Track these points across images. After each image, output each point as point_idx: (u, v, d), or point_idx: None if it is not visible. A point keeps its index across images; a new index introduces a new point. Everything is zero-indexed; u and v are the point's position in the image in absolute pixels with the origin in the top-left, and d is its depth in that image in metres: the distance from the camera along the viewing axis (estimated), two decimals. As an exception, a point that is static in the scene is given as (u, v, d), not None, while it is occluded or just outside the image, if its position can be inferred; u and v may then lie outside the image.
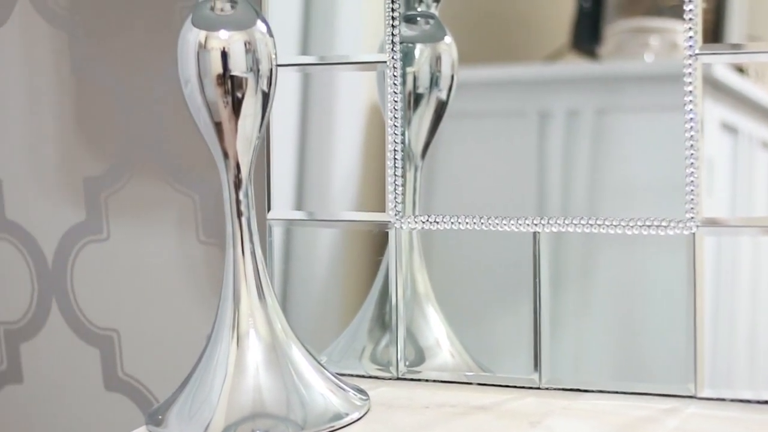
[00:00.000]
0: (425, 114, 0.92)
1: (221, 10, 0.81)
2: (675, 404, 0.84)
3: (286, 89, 0.94)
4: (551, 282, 0.88)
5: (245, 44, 0.80)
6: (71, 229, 1.15)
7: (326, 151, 0.95)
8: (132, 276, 1.13)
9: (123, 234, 1.13)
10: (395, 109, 0.91)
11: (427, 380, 0.92)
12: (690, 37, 0.83)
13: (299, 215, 0.95)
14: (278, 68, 0.82)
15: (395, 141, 0.91)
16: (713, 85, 0.83)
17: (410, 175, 0.92)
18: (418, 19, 0.92)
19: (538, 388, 0.88)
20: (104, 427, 1.16)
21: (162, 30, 1.08)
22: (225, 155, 0.81)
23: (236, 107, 0.80)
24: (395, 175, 0.91)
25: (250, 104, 0.80)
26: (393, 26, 0.91)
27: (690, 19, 0.83)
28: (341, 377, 0.86)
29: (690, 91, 0.83)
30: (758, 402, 0.83)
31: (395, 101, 0.91)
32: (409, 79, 0.92)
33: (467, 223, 0.90)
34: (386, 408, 0.85)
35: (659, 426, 0.79)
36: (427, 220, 0.91)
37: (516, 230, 0.88)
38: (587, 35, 0.88)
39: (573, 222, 0.87)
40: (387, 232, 0.92)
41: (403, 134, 0.91)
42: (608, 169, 0.87)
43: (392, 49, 0.91)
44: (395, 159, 0.91)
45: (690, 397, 0.84)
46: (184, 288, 1.11)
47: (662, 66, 0.88)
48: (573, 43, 0.88)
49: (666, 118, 0.85)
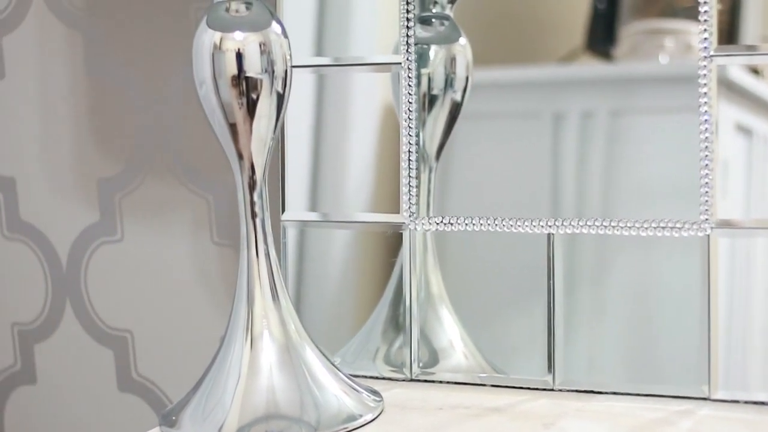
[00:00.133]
0: (440, 115, 0.92)
1: (236, 12, 0.81)
2: (689, 406, 0.84)
3: (301, 90, 0.94)
4: (565, 283, 0.88)
5: (260, 45, 0.80)
6: (85, 230, 1.16)
7: (341, 153, 0.95)
8: (146, 277, 1.13)
9: (137, 235, 1.13)
10: (410, 111, 0.91)
11: (441, 382, 0.92)
12: (705, 39, 0.83)
13: (313, 216, 0.95)
14: (293, 69, 0.82)
15: (410, 142, 0.91)
16: (728, 87, 0.83)
17: (424, 177, 0.92)
18: (433, 21, 0.92)
19: (552, 390, 0.88)
20: (118, 429, 1.16)
21: (177, 31, 1.08)
22: (239, 156, 0.81)
23: (251, 108, 0.80)
24: (409, 177, 0.91)
25: (265, 105, 0.80)
26: (408, 27, 0.91)
27: (705, 21, 0.83)
28: (355, 378, 0.86)
29: (705, 93, 0.83)
30: (773, 404, 0.83)
31: (410, 102, 0.91)
32: (424, 81, 0.92)
33: (481, 225, 0.89)
34: (400, 409, 0.85)
35: (673, 428, 0.79)
36: (442, 222, 0.91)
37: (530, 232, 0.88)
38: (602, 37, 0.88)
39: (587, 224, 0.87)
40: (401, 234, 0.92)
41: (418, 135, 0.91)
42: (622, 171, 0.87)
43: (407, 51, 0.91)
44: (410, 160, 0.91)
45: (704, 399, 0.84)
46: (198, 289, 1.11)
47: (677, 67, 0.88)
48: (588, 45, 0.88)
49: (680, 120, 0.85)
